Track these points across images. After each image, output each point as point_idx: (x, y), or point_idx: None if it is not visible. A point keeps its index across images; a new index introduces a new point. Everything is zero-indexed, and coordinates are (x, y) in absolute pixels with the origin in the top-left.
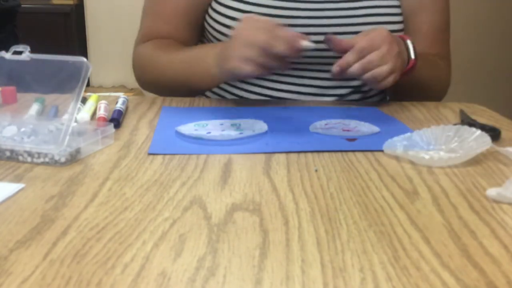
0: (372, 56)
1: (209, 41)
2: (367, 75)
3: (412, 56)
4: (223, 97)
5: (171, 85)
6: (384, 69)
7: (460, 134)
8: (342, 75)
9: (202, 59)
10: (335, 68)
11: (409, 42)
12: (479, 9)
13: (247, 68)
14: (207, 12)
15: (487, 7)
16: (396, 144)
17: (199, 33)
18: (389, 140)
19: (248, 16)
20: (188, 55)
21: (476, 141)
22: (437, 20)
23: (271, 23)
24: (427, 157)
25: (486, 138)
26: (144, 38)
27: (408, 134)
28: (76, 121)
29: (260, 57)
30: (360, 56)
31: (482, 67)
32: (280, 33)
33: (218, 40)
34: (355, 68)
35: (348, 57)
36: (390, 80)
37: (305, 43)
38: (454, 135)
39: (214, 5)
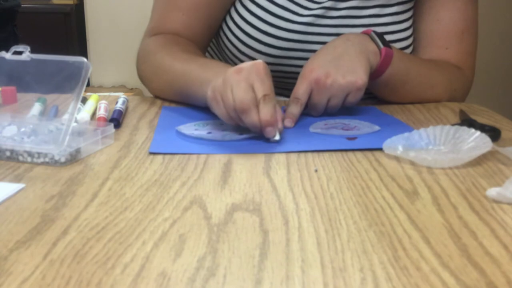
0: (312, 99)
1: (223, 43)
2: (327, 111)
3: (381, 45)
4: None
5: (165, 88)
6: (326, 102)
7: (459, 135)
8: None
9: (200, 80)
10: (287, 124)
11: (372, 34)
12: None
13: (217, 111)
14: (228, 11)
15: (487, 7)
16: (396, 144)
17: (212, 34)
18: (388, 140)
19: (259, 64)
20: (188, 68)
21: (476, 142)
22: (452, 21)
23: (270, 87)
24: (429, 158)
25: (486, 139)
26: (153, 31)
27: (407, 133)
28: (76, 121)
29: (232, 111)
30: (302, 103)
31: (482, 67)
32: (264, 109)
33: (234, 41)
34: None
35: (292, 110)
36: (352, 91)
37: (276, 138)
38: (453, 135)
39: (237, 5)
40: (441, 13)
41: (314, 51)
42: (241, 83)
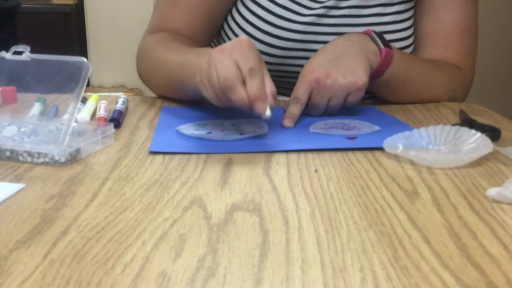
0: (312, 99)
1: (224, 42)
2: (327, 111)
3: (381, 45)
4: None
5: (164, 84)
6: (327, 103)
7: (460, 135)
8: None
9: (195, 67)
10: (287, 124)
11: (373, 34)
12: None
13: (206, 94)
14: (229, 11)
15: (487, 7)
16: (396, 142)
17: (213, 33)
18: (389, 138)
19: (242, 40)
20: (184, 58)
21: (476, 143)
22: (452, 21)
23: (255, 61)
24: (429, 158)
25: (487, 141)
26: (153, 29)
27: (408, 132)
28: (76, 121)
29: (219, 91)
30: (302, 103)
31: (482, 67)
32: (251, 84)
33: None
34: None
35: (292, 110)
36: (352, 91)
37: (267, 113)
38: (454, 135)
39: (239, 5)
40: (442, 12)
41: (315, 50)
42: (224, 60)
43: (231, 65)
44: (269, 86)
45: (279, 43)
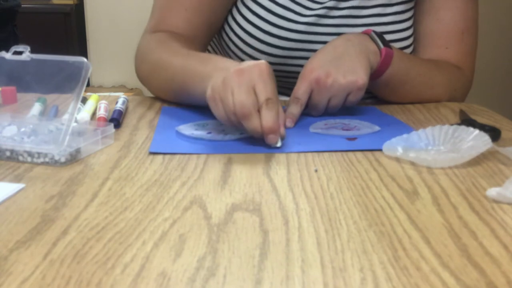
0: (312, 99)
1: (225, 43)
2: (328, 111)
3: (381, 45)
4: None
5: (164, 87)
6: (327, 102)
7: (458, 134)
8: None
9: (201, 75)
10: (287, 124)
11: (373, 34)
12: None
13: (216, 113)
14: (230, 11)
15: (487, 7)
16: (395, 145)
17: (213, 32)
18: (388, 142)
19: (262, 64)
20: (187, 63)
21: (475, 141)
22: (452, 21)
23: (272, 90)
24: (429, 158)
25: (485, 137)
26: (153, 28)
27: (406, 134)
28: (76, 121)
29: (232, 116)
30: (302, 103)
31: (482, 67)
32: (266, 116)
33: (235, 41)
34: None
35: (292, 110)
36: (353, 90)
37: (278, 145)
38: (452, 135)
39: (239, 4)
40: (441, 12)
41: (315, 50)
42: (242, 86)
43: (249, 92)
44: (282, 116)
45: (279, 43)
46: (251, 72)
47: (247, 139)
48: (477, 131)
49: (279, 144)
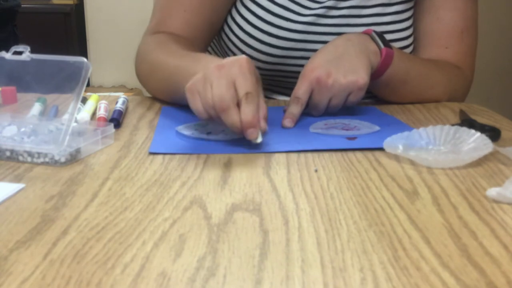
0: (313, 99)
1: (224, 43)
2: (328, 110)
3: (382, 45)
4: None
5: (160, 87)
6: (327, 102)
7: (459, 135)
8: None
9: (191, 74)
10: (287, 124)
11: (373, 34)
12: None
13: (193, 105)
14: (229, 11)
15: (486, 6)
16: (396, 143)
17: (214, 33)
18: (389, 138)
19: (242, 59)
20: (181, 63)
21: (476, 143)
22: (452, 21)
23: (252, 84)
24: (429, 158)
25: (487, 141)
26: (154, 28)
27: (407, 132)
28: (76, 121)
29: (210, 109)
30: (302, 103)
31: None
32: (246, 109)
33: (235, 41)
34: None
35: (292, 109)
36: (353, 90)
37: (258, 140)
38: (453, 135)
39: (238, 5)
40: (441, 12)
41: (315, 50)
42: (221, 80)
43: (228, 85)
44: (263, 109)
45: (278, 43)
46: (231, 67)
47: (247, 139)
48: (478, 134)
49: (259, 140)
